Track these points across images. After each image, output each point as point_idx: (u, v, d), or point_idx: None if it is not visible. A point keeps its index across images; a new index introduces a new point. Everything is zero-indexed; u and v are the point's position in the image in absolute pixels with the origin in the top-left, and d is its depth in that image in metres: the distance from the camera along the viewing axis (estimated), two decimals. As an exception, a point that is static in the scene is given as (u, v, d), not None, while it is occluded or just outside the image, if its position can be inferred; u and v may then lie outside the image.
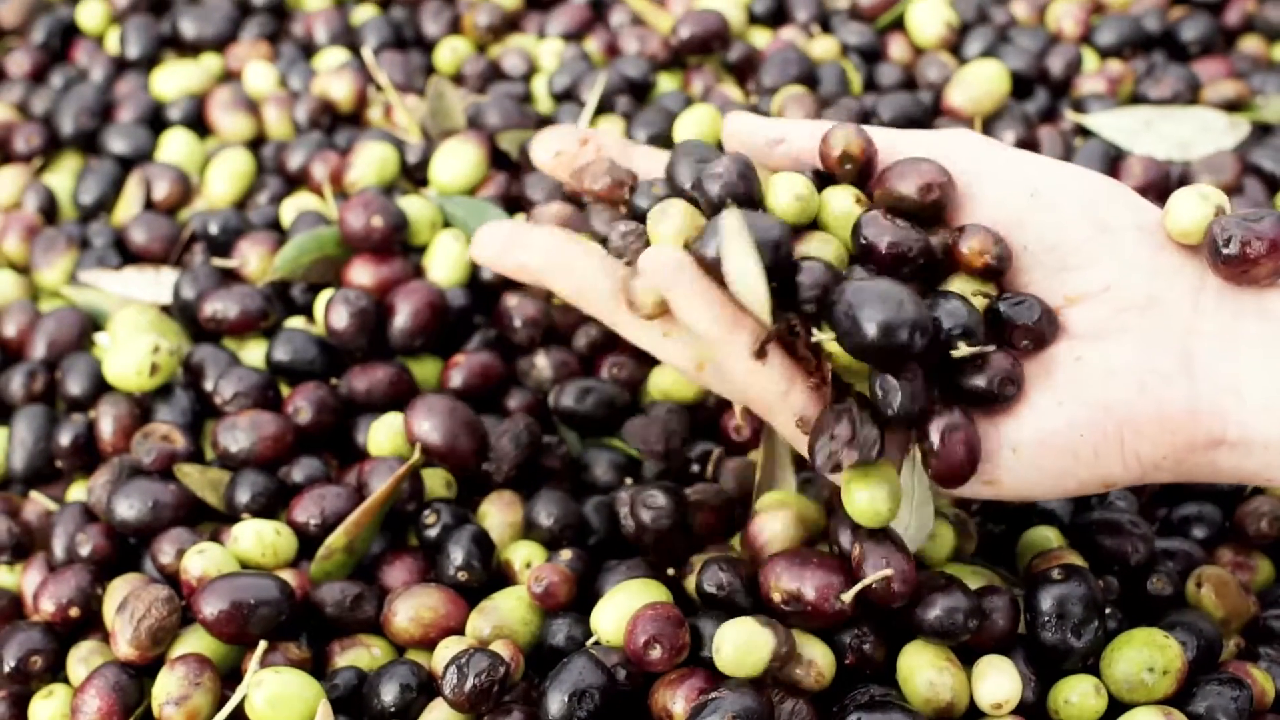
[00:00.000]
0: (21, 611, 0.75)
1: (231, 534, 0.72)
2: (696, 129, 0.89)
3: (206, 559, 0.69)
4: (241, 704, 0.64)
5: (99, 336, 0.85)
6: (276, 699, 0.63)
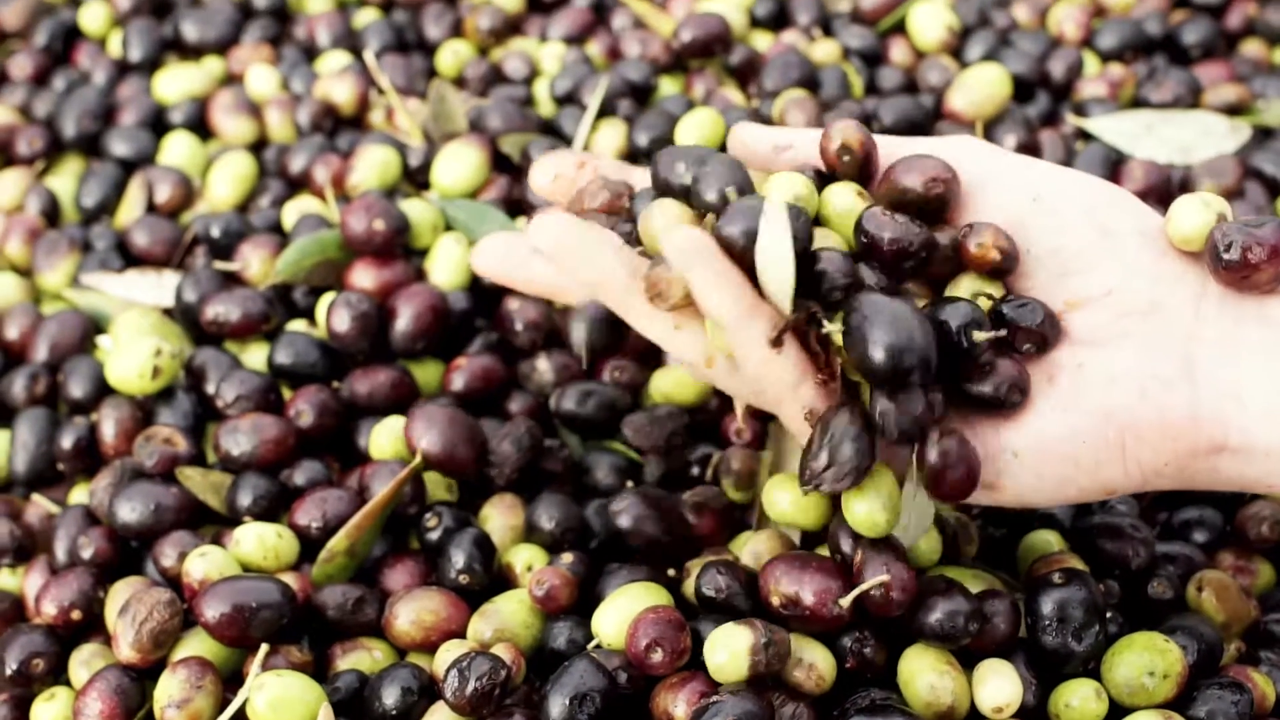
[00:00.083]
0: (23, 614, 0.75)
1: (233, 537, 0.72)
2: (698, 132, 0.89)
3: (208, 562, 0.69)
4: (243, 707, 0.64)
5: (101, 339, 0.85)
6: (278, 702, 0.63)
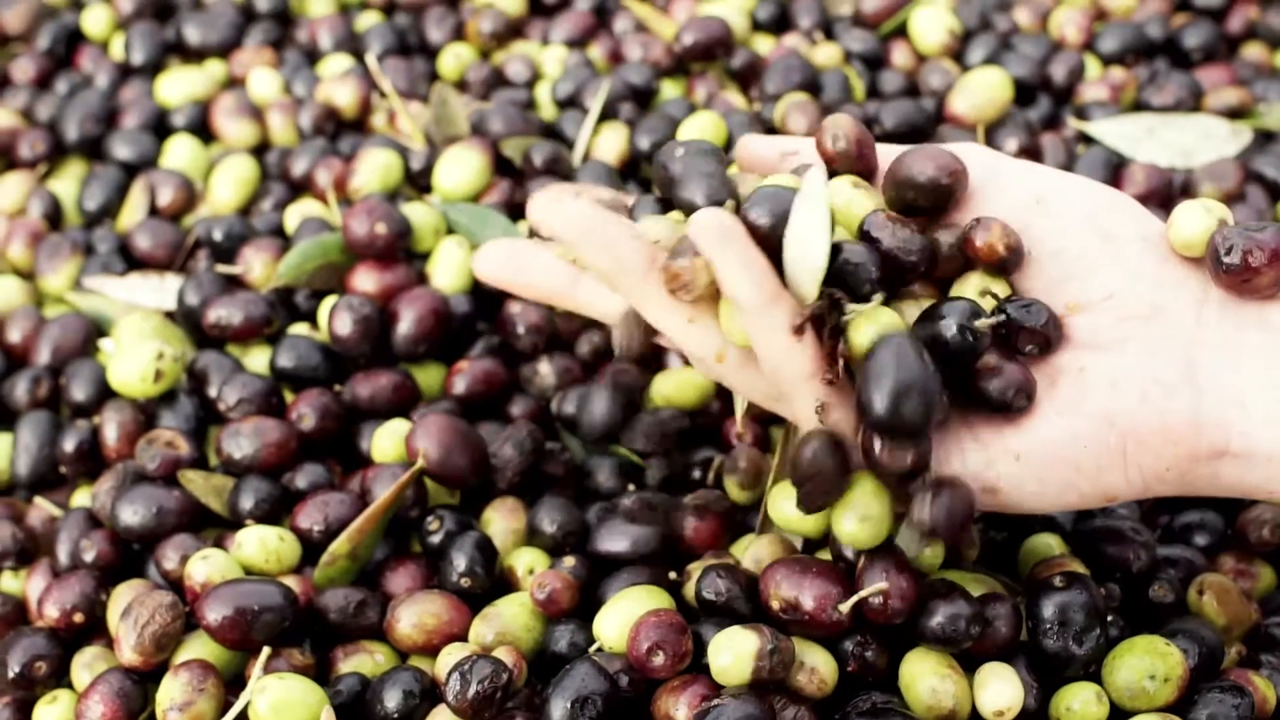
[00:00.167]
0: (26, 617, 0.75)
1: (235, 540, 0.72)
2: (699, 136, 0.89)
3: (210, 565, 0.69)
4: (245, 710, 0.64)
5: (103, 342, 0.85)
6: (280, 705, 0.63)
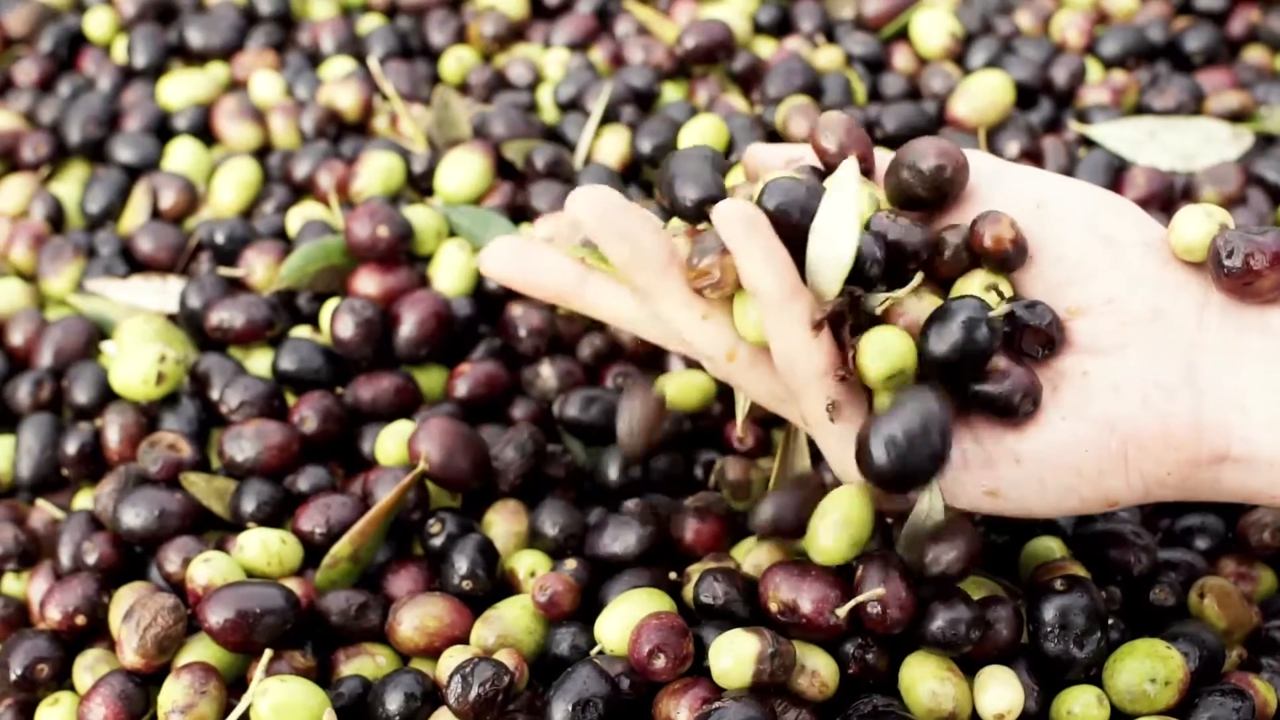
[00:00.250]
0: (28, 619, 0.75)
1: (237, 543, 0.72)
2: (701, 139, 0.89)
3: (212, 568, 0.69)
4: (247, 712, 0.64)
5: (105, 345, 0.85)
6: (281, 707, 0.64)
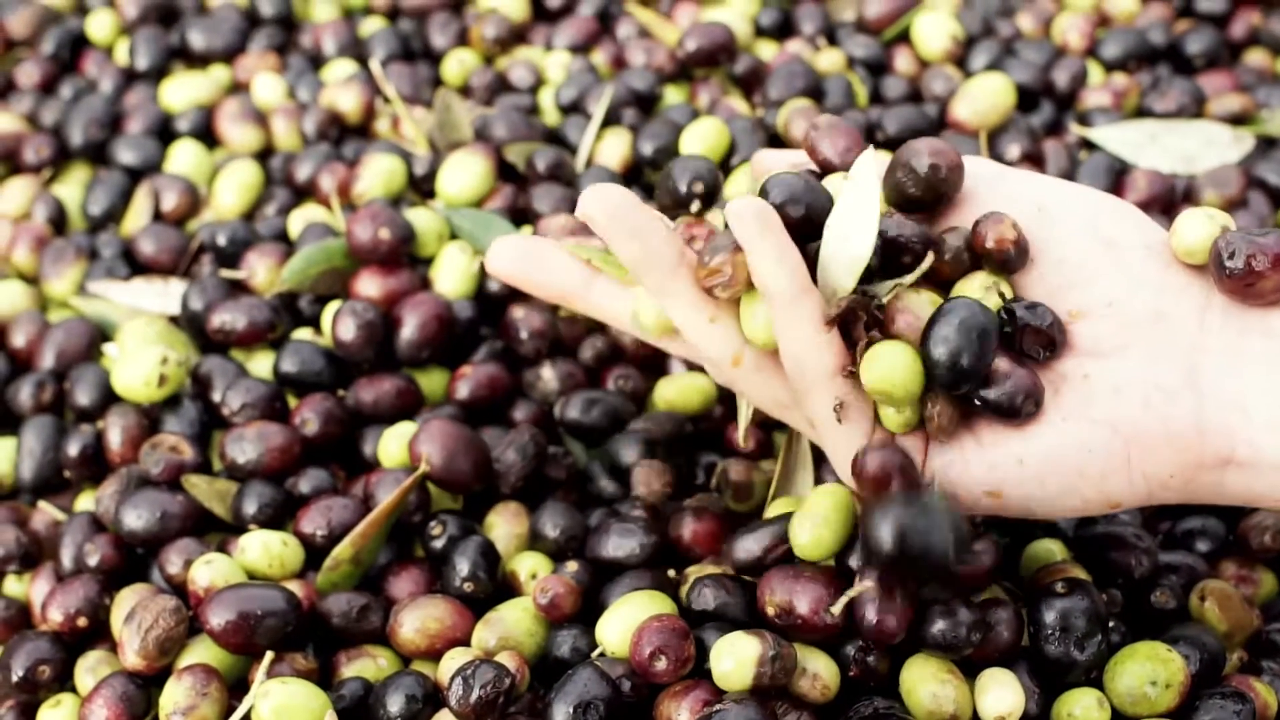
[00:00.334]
0: (29, 621, 0.75)
1: (239, 545, 0.72)
2: (702, 142, 0.89)
3: (214, 570, 0.69)
4: (248, 714, 0.64)
5: (107, 347, 0.85)
6: (283, 709, 0.64)
